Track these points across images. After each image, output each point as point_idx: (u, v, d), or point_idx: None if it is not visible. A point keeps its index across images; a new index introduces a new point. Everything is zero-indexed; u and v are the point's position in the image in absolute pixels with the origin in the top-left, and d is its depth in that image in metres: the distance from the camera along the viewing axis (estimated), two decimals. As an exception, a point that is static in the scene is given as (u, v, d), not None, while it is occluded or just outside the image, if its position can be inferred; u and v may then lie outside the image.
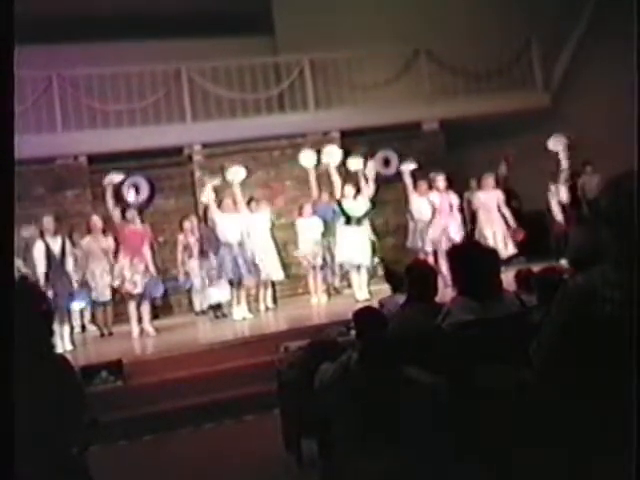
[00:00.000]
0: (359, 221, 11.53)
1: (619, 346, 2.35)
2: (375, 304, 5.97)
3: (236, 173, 11.47)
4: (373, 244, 12.00)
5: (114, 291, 10.93)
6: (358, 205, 11.60)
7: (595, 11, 14.05)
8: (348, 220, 11.47)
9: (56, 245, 10.11)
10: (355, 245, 11.43)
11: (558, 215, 12.55)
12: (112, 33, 14.17)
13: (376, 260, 11.95)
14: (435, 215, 11.73)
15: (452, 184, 12.12)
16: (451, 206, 11.89)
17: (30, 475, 2.87)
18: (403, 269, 5.32)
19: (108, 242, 10.97)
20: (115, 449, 6.90)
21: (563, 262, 8.81)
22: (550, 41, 14.57)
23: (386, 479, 3.83)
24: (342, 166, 14.15)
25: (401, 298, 5.41)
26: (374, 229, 12.41)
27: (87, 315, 12.13)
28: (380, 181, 14.26)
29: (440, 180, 11.91)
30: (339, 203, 11.64)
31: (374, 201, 11.88)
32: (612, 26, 11.94)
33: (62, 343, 9.62)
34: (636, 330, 2.30)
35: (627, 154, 2.76)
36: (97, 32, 14.06)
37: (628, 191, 2.39)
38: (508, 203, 12.64)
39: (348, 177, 13.61)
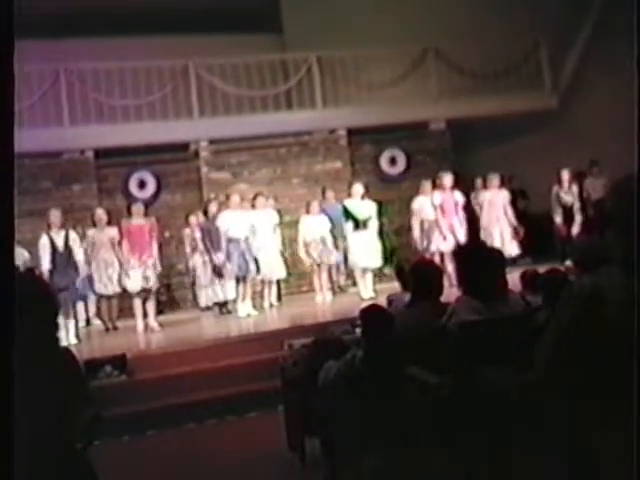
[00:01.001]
0: (365, 224, 11.50)
1: (624, 347, 2.35)
2: (380, 302, 5.96)
3: None
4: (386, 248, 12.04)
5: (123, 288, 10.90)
6: (364, 206, 11.58)
7: (603, 13, 14.01)
8: (357, 225, 11.46)
9: (61, 239, 10.12)
10: (364, 250, 11.42)
11: (560, 217, 12.53)
12: (120, 28, 14.19)
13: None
14: (440, 214, 11.69)
15: (458, 184, 12.09)
16: (457, 205, 11.85)
17: (33, 470, 2.87)
18: (409, 268, 5.32)
19: (113, 233, 10.92)
20: (118, 444, 6.90)
21: (568, 263, 8.80)
22: (558, 42, 14.54)
23: (389, 477, 3.83)
24: (352, 163, 14.21)
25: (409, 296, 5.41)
26: (381, 231, 12.37)
27: (92, 309, 12.17)
28: (386, 180, 14.33)
29: (446, 179, 11.87)
30: (343, 204, 11.63)
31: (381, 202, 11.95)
32: (619, 28, 11.90)
33: (67, 337, 9.61)
34: (636, 333, 2.30)
35: (633, 155, 2.76)
36: (105, 27, 14.09)
37: (633, 192, 2.39)
38: (514, 203, 12.64)
39: (357, 175, 13.64)
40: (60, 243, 10.08)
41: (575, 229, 12.14)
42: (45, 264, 9.94)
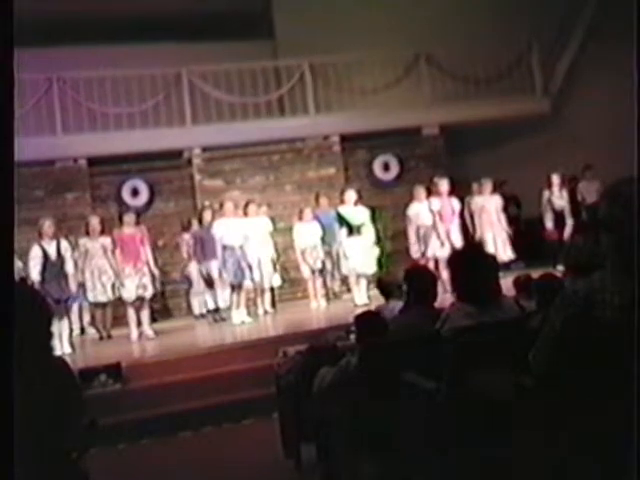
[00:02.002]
0: (359, 229, 11.51)
1: (618, 351, 2.36)
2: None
3: None
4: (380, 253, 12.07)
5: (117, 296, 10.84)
6: (357, 212, 11.59)
7: (595, 16, 14.08)
8: (350, 231, 11.46)
9: (53, 248, 10.07)
10: (359, 256, 11.43)
11: (551, 221, 12.55)
12: (113, 36, 14.18)
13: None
14: (437, 220, 11.67)
15: (454, 190, 12.09)
16: (453, 211, 11.83)
17: (28, 478, 2.86)
18: (401, 275, 5.32)
19: (106, 241, 10.85)
20: (114, 452, 6.88)
21: (560, 268, 8.81)
22: (550, 46, 14.59)
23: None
24: (345, 170, 14.21)
25: (397, 304, 5.42)
26: (378, 237, 12.38)
27: (86, 318, 12.13)
28: (380, 186, 14.34)
29: (443, 185, 11.85)
30: (337, 211, 11.63)
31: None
32: (612, 31, 11.97)
33: (61, 346, 9.58)
34: (635, 335, 2.31)
35: (627, 159, 2.77)
36: (98, 35, 14.08)
37: (627, 197, 2.40)
38: (505, 208, 12.65)
39: (350, 182, 13.66)
40: (52, 252, 10.03)
41: (566, 233, 12.16)
42: (36, 274, 9.89)
